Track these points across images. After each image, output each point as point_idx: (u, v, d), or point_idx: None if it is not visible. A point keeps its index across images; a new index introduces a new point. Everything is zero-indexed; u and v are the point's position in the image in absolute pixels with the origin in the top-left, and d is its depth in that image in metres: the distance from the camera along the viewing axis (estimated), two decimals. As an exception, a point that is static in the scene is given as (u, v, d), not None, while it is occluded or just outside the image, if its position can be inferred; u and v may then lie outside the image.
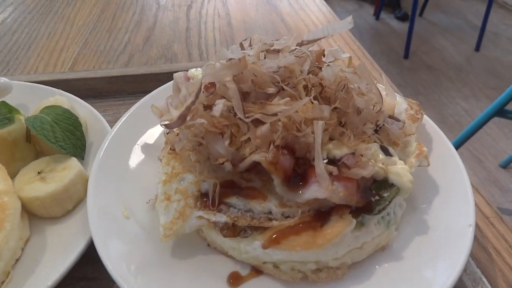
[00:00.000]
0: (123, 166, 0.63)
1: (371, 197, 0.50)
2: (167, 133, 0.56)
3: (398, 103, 0.66)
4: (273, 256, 0.50)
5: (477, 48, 3.91)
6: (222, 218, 0.51)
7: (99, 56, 1.10)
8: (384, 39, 4.19)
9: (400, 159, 0.55)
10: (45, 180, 0.60)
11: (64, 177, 0.60)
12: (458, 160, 0.62)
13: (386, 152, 0.55)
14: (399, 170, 0.53)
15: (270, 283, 0.52)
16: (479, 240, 0.66)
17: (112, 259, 0.49)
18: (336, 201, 0.48)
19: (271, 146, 0.48)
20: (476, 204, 0.74)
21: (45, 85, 0.80)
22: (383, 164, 0.53)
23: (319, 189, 0.48)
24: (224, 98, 0.51)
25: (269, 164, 0.48)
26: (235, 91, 0.50)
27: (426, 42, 4.08)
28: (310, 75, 0.53)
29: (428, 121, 0.70)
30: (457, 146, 1.99)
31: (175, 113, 0.51)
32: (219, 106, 0.50)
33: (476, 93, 3.41)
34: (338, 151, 0.52)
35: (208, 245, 0.56)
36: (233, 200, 0.52)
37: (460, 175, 0.60)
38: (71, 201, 0.60)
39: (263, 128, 0.49)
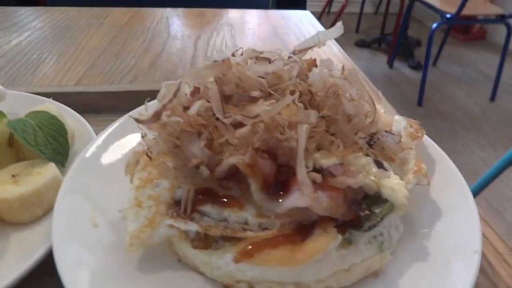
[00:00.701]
0: (100, 174, 0.60)
1: (359, 211, 0.45)
2: (143, 137, 0.53)
3: (397, 121, 0.62)
4: (247, 273, 0.44)
5: (492, 98, 3.88)
6: (193, 227, 0.46)
7: (103, 77, 1.10)
8: (398, 86, 4.21)
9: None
10: (17, 183, 0.57)
11: (38, 181, 0.57)
12: (462, 182, 0.57)
13: (380, 166, 0.50)
14: (393, 184, 0.48)
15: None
16: (490, 278, 0.59)
17: (67, 266, 0.44)
18: (319, 212, 0.43)
19: (250, 148, 0.44)
20: (487, 239, 0.68)
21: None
22: (375, 177, 0.48)
23: (301, 197, 0.43)
24: (205, 99, 0.49)
25: (247, 167, 0.44)
26: (215, 91, 0.47)
27: (440, 91, 4.08)
28: (298, 80, 0.50)
29: (430, 143, 0.65)
30: (474, 195, 1.88)
31: (151, 111, 0.48)
32: (196, 105, 0.47)
33: (493, 143, 3.33)
34: (326, 161, 0.48)
35: (180, 260, 0.50)
36: (207, 208, 0.47)
37: (464, 198, 0.55)
38: (42, 207, 0.57)
39: (243, 129, 0.45)
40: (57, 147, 0.64)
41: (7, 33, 1.37)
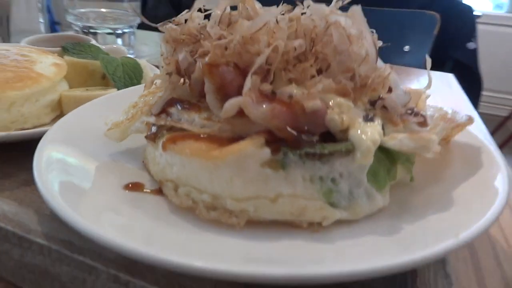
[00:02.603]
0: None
1: (302, 135, 0.38)
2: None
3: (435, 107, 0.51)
4: (173, 168, 0.43)
5: None
6: (151, 119, 0.48)
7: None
8: None
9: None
10: (85, 92, 0.72)
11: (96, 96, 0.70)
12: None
13: (367, 119, 0.42)
14: (365, 128, 0.39)
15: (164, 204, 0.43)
16: None
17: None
18: (252, 116, 0.39)
19: (214, 52, 0.45)
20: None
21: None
22: (346, 116, 0.40)
23: (240, 98, 0.40)
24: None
25: (205, 66, 0.44)
26: (217, 14, 0.51)
27: None
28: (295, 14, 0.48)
29: (485, 146, 0.49)
30: None
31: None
32: (195, 20, 0.51)
33: None
34: (296, 90, 0.43)
35: (143, 161, 0.52)
36: (173, 109, 0.48)
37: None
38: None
39: (220, 41, 0.47)
40: (129, 82, 0.77)
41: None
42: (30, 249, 0.39)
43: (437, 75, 1.57)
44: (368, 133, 0.39)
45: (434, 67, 1.72)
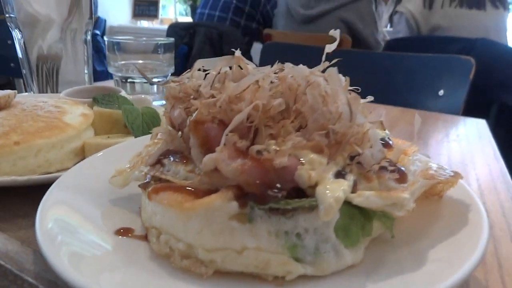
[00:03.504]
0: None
1: (268, 190, 0.40)
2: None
3: (421, 160, 0.51)
4: (157, 216, 0.46)
5: None
6: (145, 169, 0.52)
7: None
8: None
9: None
10: (106, 139, 0.79)
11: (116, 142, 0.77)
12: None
13: (339, 176, 0.43)
14: (332, 185, 0.41)
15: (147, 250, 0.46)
16: None
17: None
18: (223, 171, 0.42)
19: (200, 111, 0.49)
20: None
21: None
22: (315, 172, 0.42)
23: (215, 154, 0.44)
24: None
25: (192, 122, 0.49)
26: (213, 74, 0.56)
27: None
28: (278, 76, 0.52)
29: (475, 204, 0.48)
30: None
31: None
32: (193, 81, 0.56)
33: None
34: (273, 147, 0.46)
35: (139, 207, 0.56)
36: (165, 161, 0.53)
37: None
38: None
39: (208, 100, 0.51)
40: (146, 131, 0.84)
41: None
42: (22, 286, 0.43)
43: (468, 121, 1.52)
44: (333, 190, 0.40)
45: (475, 112, 1.68)
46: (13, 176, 0.63)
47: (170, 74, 1.46)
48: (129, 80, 1.44)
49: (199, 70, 0.60)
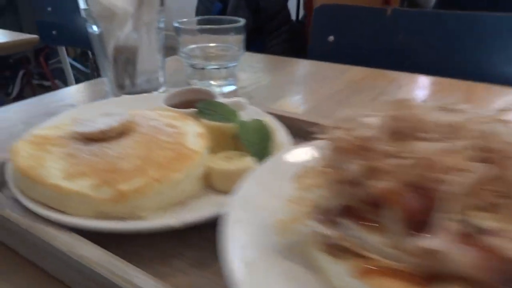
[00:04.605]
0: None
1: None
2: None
3: None
4: (360, 293, 0.45)
5: None
6: (333, 233, 0.51)
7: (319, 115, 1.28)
8: None
9: None
10: (228, 162, 0.77)
11: (240, 164, 0.75)
12: None
13: None
14: None
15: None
16: None
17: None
18: (460, 265, 0.40)
19: (399, 178, 0.46)
20: None
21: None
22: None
23: (439, 239, 0.42)
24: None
25: (393, 194, 0.46)
26: (381, 123, 0.52)
27: None
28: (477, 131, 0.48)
29: None
30: None
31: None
32: (360, 130, 0.53)
33: None
34: (482, 221, 0.43)
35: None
36: (346, 222, 0.51)
37: None
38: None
39: (394, 160, 0.48)
40: (260, 148, 0.82)
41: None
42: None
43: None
44: None
45: None
46: (166, 220, 0.63)
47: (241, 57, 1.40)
48: (197, 67, 1.40)
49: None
